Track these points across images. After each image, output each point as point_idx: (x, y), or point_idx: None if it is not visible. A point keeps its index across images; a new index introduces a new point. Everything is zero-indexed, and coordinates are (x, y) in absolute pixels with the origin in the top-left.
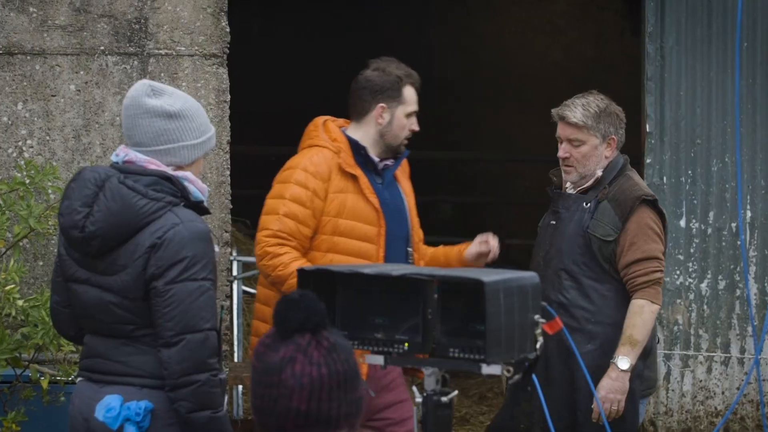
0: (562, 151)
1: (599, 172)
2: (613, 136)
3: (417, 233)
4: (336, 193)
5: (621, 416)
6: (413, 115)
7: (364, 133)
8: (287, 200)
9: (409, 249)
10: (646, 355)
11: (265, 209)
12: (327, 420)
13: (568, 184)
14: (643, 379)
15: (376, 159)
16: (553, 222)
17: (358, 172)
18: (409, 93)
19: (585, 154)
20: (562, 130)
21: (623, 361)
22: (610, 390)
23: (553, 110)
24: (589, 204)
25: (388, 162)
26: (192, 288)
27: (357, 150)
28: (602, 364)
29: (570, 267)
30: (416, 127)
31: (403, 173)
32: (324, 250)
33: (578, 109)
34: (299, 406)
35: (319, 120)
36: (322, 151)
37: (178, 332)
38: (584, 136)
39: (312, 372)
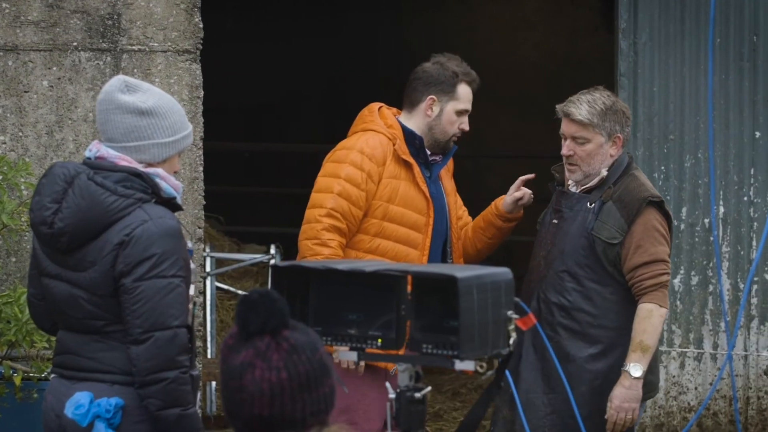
0: (566, 148)
1: (604, 172)
2: (619, 135)
3: (461, 221)
4: (389, 179)
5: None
6: (465, 114)
7: (414, 124)
8: (342, 179)
9: (448, 249)
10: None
11: (318, 187)
12: (292, 422)
13: (570, 182)
14: (645, 383)
15: (428, 152)
16: (555, 221)
17: (412, 160)
18: (464, 91)
19: (590, 152)
20: (566, 127)
21: (636, 369)
22: (625, 399)
23: (557, 106)
24: (593, 204)
25: (437, 158)
26: (161, 285)
27: (411, 140)
28: (603, 368)
29: (573, 269)
30: (466, 127)
31: (447, 171)
32: (372, 234)
33: (584, 106)
34: (261, 411)
35: (375, 106)
36: (378, 135)
37: (146, 329)
38: (589, 134)
39: (271, 377)
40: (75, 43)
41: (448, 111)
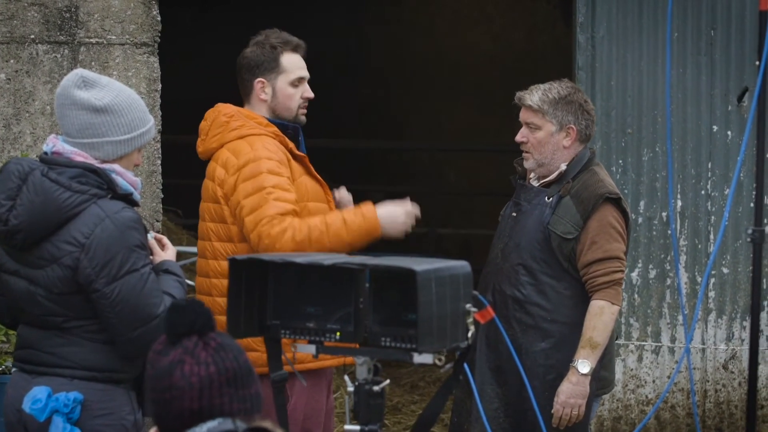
0: (520, 135)
1: (563, 166)
2: (572, 126)
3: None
4: (298, 179)
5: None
6: (302, 82)
7: (259, 113)
8: (270, 188)
9: None
10: (603, 356)
11: (249, 208)
12: (221, 415)
13: (532, 175)
14: (598, 379)
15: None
16: (514, 214)
17: (302, 153)
18: (290, 60)
19: (540, 140)
20: (521, 114)
21: (583, 365)
22: (571, 395)
23: (517, 93)
24: (551, 198)
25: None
26: (134, 281)
27: (285, 130)
28: (555, 363)
29: (528, 262)
30: (310, 94)
31: None
32: None
33: (537, 93)
34: (191, 405)
35: (229, 108)
36: (265, 138)
37: (133, 328)
38: (540, 121)
39: (200, 371)
40: (32, 36)
41: (281, 87)
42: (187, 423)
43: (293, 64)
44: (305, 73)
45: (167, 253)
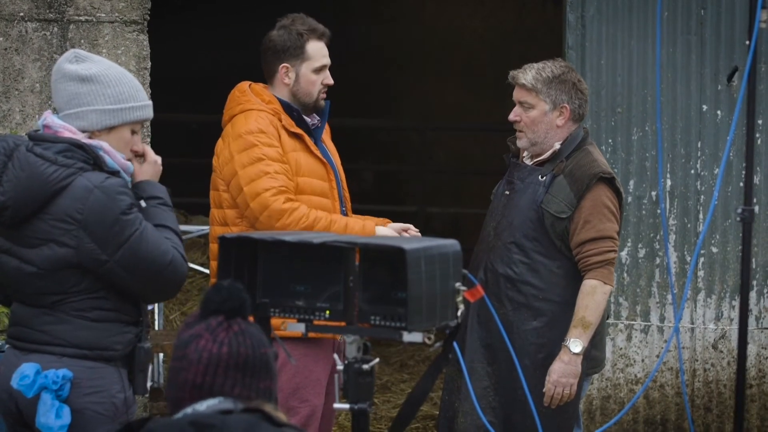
0: (513, 113)
1: (557, 145)
2: (566, 105)
3: (346, 193)
4: (289, 153)
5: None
6: (324, 69)
7: (278, 95)
8: (267, 160)
9: (343, 209)
10: (594, 335)
11: (248, 178)
12: (222, 395)
13: (525, 154)
14: (589, 358)
15: (309, 119)
16: (507, 192)
17: (300, 130)
18: (314, 48)
19: (534, 118)
20: (515, 93)
21: (575, 345)
22: (563, 374)
23: (510, 72)
24: (544, 177)
25: (315, 121)
26: (137, 240)
27: (290, 111)
28: (547, 342)
29: (521, 241)
30: (330, 81)
31: (326, 133)
32: None
33: (530, 72)
34: (194, 379)
35: (244, 85)
36: (261, 114)
37: (155, 281)
38: (533, 100)
39: (212, 348)
40: (22, 14)
41: (304, 73)
42: (188, 396)
43: (318, 51)
44: (328, 61)
45: (144, 167)
